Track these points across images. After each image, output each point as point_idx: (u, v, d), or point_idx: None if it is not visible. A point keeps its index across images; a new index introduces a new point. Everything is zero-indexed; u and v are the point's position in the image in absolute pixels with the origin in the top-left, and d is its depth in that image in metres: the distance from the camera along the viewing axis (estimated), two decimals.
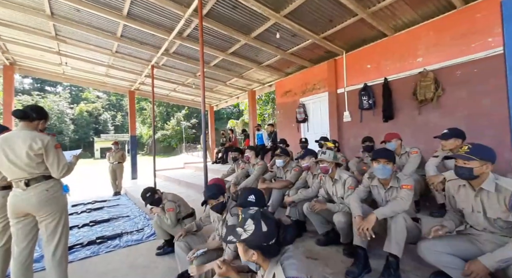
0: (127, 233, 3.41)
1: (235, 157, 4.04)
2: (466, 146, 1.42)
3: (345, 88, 5.30)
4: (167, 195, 2.79)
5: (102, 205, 5.24)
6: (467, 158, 1.37)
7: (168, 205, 2.64)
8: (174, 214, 2.61)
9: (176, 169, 9.92)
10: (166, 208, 2.62)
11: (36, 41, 5.48)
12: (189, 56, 6.05)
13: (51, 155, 1.82)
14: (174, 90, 8.96)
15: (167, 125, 35.95)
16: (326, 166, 2.31)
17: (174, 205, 2.65)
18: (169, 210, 2.61)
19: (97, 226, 3.82)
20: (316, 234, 2.61)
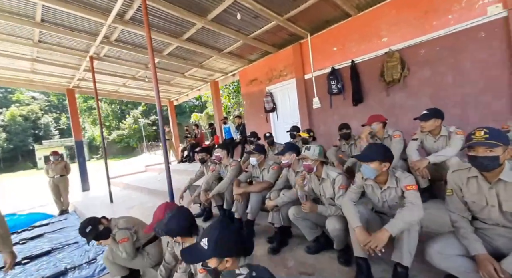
0: (74, 269, 2.74)
1: (203, 158, 3.55)
2: (482, 130, 1.21)
3: (313, 73, 5.08)
4: (117, 221, 2.21)
5: (43, 230, 4.29)
6: (492, 144, 1.16)
7: (120, 235, 2.08)
8: (129, 244, 2.08)
9: (136, 174, 8.95)
10: (118, 239, 2.07)
11: None
12: (136, 44, 5.19)
13: None
14: (124, 85, 7.86)
15: (122, 124, 32.86)
16: (310, 164, 2.01)
17: (128, 233, 2.10)
18: (122, 240, 2.06)
19: (33, 263, 3.01)
20: (303, 239, 2.35)
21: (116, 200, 5.50)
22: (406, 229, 1.41)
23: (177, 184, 5.71)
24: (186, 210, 1.46)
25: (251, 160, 2.84)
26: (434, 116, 2.35)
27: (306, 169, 2.05)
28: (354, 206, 1.66)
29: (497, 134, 1.18)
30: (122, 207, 4.93)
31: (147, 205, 4.82)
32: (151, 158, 21.07)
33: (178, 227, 1.37)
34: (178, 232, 1.37)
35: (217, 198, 3.11)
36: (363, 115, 4.30)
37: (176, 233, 1.36)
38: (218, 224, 1.07)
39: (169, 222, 1.34)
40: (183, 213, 1.42)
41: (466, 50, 3.29)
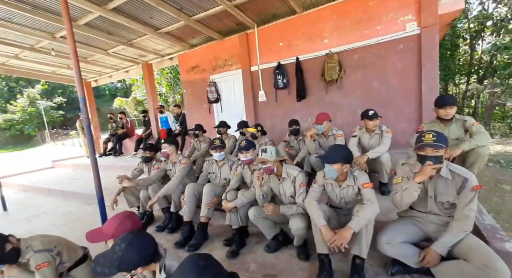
0: None
1: (149, 157, 3.04)
2: (430, 133, 1.41)
3: (259, 65, 5.05)
4: (30, 242, 1.65)
5: None
6: (439, 146, 1.36)
7: (38, 259, 1.57)
8: (51, 270, 1.59)
9: (40, 171, 7.13)
10: (35, 265, 1.55)
11: None
12: (39, 5, 3.92)
13: None
14: (17, 57, 5.95)
15: (12, 106, 25.38)
16: (270, 166, 1.97)
17: (48, 256, 1.60)
18: (41, 266, 1.56)
19: None
20: (261, 238, 2.34)
21: (11, 206, 4.23)
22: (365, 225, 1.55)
23: (103, 183, 4.83)
24: (141, 233, 1.16)
25: (215, 155, 2.62)
26: (377, 116, 2.68)
27: (268, 172, 2.00)
28: (318, 205, 1.72)
29: (442, 138, 1.39)
30: (22, 215, 3.83)
31: (60, 211, 3.89)
32: (58, 150, 17.27)
33: (140, 257, 1.07)
34: (139, 264, 1.07)
35: (162, 200, 2.75)
36: (306, 111, 4.63)
37: (136, 265, 1.07)
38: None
39: (125, 254, 1.03)
40: (141, 237, 1.12)
41: (389, 59, 3.87)
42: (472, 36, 9.88)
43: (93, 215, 3.60)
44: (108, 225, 1.42)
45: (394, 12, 3.77)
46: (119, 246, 1.05)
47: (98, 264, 1.06)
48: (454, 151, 2.00)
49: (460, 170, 1.46)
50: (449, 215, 1.53)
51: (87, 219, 3.45)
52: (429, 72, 3.61)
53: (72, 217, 3.54)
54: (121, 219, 1.43)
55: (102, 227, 1.47)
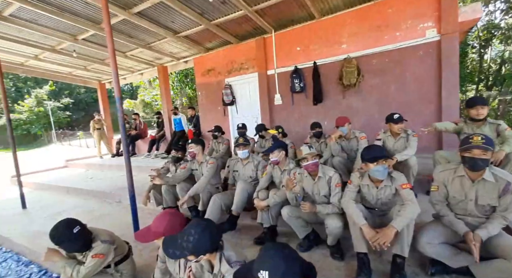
0: None
1: (179, 157, 3.09)
2: (479, 136, 1.45)
3: (275, 69, 5.13)
4: (97, 233, 1.72)
5: None
6: (487, 148, 1.40)
7: (101, 249, 1.62)
8: (100, 263, 1.63)
9: (54, 170, 7.21)
10: (93, 254, 1.60)
11: None
12: (65, 7, 4.05)
13: None
14: (37, 58, 6.10)
15: (19, 106, 25.74)
16: (317, 162, 2.05)
17: (108, 248, 1.66)
18: (98, 256, 1.61)
19: None
20: (290, 237, 2.37)
21: (29, 204, 4.28)
22: None
23: (117, 182, 4.89)
24: (212, 221, 1.22)
25: (240, 153, 2.68)
26: (403, 120, 2.73)
27: (313, 167, 2.05)
28: (356, 205, 1.75)
29: (489, 141, 1.43)
30: (43, 213, 3.87)
31: (81, 209, 3.94)
32: (64, 150, 17.43)
33: (211, 243, 1.13)
34: (208, 250, 1.12)
35: (188, 199, 2.79)
36: (323, 115, 4.68)
37: (206, 251, 1.12)
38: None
39: (200, 239, 1.08)
40: (213, 225, 1.18)
41: (408, 64, 3.93)
42: (481, 45, 9.96)
43: (116, 213, 3.66)
44: (156, 224, 1.45)
45: (413, 19, 3.84)
46: (194, 230, 1.10)
47: (169, 246, 1.12)
48: (498, 154, 2.00)
49: (503, 173, 1.49)
50: (487, 217, 1.56)
51: (111, 216, 3.49)
52: (449, 78, 3.66)
53: (95, 215, 3.59)
54: (169, 216, 1.47)
55: (150, 226, 1.50)
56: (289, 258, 0.86)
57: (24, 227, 3.35)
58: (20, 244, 2.85)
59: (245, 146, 2.78)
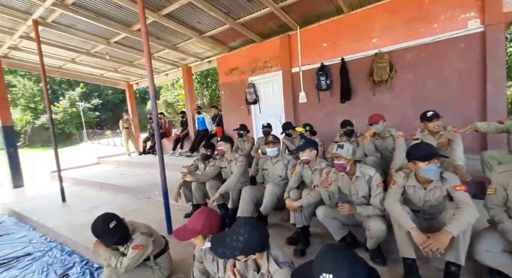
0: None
1: (209, 155, 3.14)
2: None
3: (300, 67, 5.04)
4: (135, 225, 1.78)
5: None
6: None
7: (140, 241, 1.68)
8: (140, 255, 1.68)
9: (87, 166, 7.67)
10: (134, 245, 1.66)
11: None
12: (101, 12, 4.26)
13: None
14: (73, 61, 6.51)
15: (55, 107, 27.77)
16: (344, 163, 1.94)
17: (147, 240, 1.71)
18: (138, 247, 1.66)
19: None
20: (322, 238, 2.30)
21: (68, 198, 4.57)
22: None
23: (145, 179, 5.08)
24: (259, 221, 1.20)
25: (269, 151, 2.66)
26: (437, 117, 2.54)
27: (339, 169, 1.98)
28: (402, 207, 1.65)
29: None
30: (81, 207, 4.11)
31: (115, 204, 4.13)
32: (94, 148, 18.49)
33: (261, 243, 1.11)
34: (257, 249, 1.11)
35: (219, 197, 2.81)
36: (350, 113, 4.51)
37: (255, 250, 1.10)
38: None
39: (250, 238, 1.06)
40: (260, 224, 1.16)
41: (447, 58, 3.66)
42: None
43: (147, 208, 3.79)
44: (194, 222, 1.44)
45: (453, 10, 3.57)
46: (243, 229, 1.08)
47: (218, 245, 1.10)
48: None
49: None
50: None
51: (142, 211, 3.62)
52: (495, 71, 3.36)
53: (128, 209, 3.74)
54: (206, 214, 1.45)
55: (186, 224, 1.48)
56: (352, 260, 0.81)
57: (65, 219, 3.58)
58: (63, 235, 3.04)
59: (275, 144, 2.75)
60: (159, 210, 3.64)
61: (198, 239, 1.37)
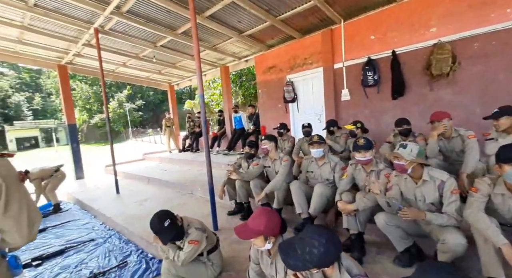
0: (103, 274, 2.32)
1: (253, 154, 3.14)
2: None
3: (344, 62, 4.76)
4: (190, 220, 1.85)
5: (44, 224, 3.73)
6: None
7: (196, 236, 1.72)
8: (196, 250, 1.72)
9: (134, 162, 8.33)
10: (189, 239, 1.70)
11: None
12: (151, 17, 4.54)
13: (14, 198, 0.85)
14: (124, 65, 7.10)
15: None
16: (403, 165, 1.74)
17: (201, 236, 1.75)
18: (194, 242, 1.70)
19: (47, 265, 2.53)
20: (379, 247, 2.12)
21: (121, 190, 4.98)
22: None
23: (187, 175, 5.31)
24: (331, 231, 1.12)
25: (313, 152, 2.54)
26: (506, 114, 2.18)
27: (399, 169, 1.79)
28: (490, 219, 1.41)
29: None
30: (132, 199, 4.45)
31: (161, 198, 4.38)
32: (138, 145, 20.08)
33: (336, 257, 1.03)
34: (334, 261, 1.03)
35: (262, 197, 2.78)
36: (402, 110, 4.13)
37: (331, 263, 1.02)
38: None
39: (326, 251, 0.98)
40: (334, 234, 1.08)
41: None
42: None
43: (191, 203, 3.93)
44: (255, 222, 1.39)
45: None
46: (318, 241, 1.01)
47: (289, 257, 1.04)
48: None
49: None
50: None
51: (187, 207, 3.77)
52: None
53: (173, 204, 3.93)
54: (268, 215, 1.39)
55: (247, 223, 1.44)
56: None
57: (120, 209, 3.90)
58: (119, 224, 3.31)
59: (320, 144, 2.61)
60: (202, 206, 3.77)
61: (259, 239, 1.33)
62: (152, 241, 1.84)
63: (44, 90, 36.71)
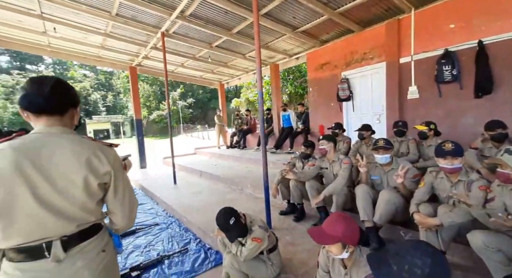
0: (168, 257, 2.53)
1: (308, 154, 3.05)
2: None
3: (412, 56, 4.24)
4: (253, 218, 1.87)
5: None
6: None
7: (259, 234, 1.73)
8: (258, 248, 1.72)
9: (187, 156, 8.97)
10: (253, 237, 1.72)
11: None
12: (210, 19, 4.77)
13: (120, 184, 0.94)
14: (182, 66, 7.67)
15: (162, 105, 34.24)
16: (510, 174, 1.45)
17: (264, 234, 1.75)
18: (257, 240, 1.71)
19: (124, 242, 2.87)
20: (468, 272, 1.80)
21: (178, 181, 5.39)
22: None
23: (236, 171, 5.47)
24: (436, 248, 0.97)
25: (378, 158, 2.32)
26: None
27: (502, 179, 1.49)
28: None
29: None
30: (187, 190, 4.77)
31: (214, 191, 4.58)
32: (188, 140, 21.64)
33: None
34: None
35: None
36: (487, 111, 3.49)
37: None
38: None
39: (431, 274, 0.85)
40: (443, 257, 0.93)
41: None
42: None
43: (241, 199, 4.00)
44: (333, 227, 1.27)
45: None
46: (422, 261, 0.87)
47: (382, 273, 0.93)
48: None
49: None
50: None
51: (239, 202, 3.81)
52: None
53: (225, 198, 4.08)
54: (346, 221, 1.26)
55: (322, 227, 1.33)
56: None
57: (178, 199, 4.22)
58: (178, 212, 3.58)
59: (387, 150, 2.35)
60: (252, 202, 3.81)
61: (336, 246, 1.23)
62: (215, 233, 1.91)
63: (115, 89, 42.44)
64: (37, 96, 0.82)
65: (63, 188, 0.82)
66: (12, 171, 0.75)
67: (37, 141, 0.82)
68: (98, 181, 0.87)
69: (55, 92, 0.85)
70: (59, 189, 0.81)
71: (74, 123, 0.98)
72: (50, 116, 0.87)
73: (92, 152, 0.87)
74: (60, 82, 0.90)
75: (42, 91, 0.83)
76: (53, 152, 0.81)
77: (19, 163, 0.76)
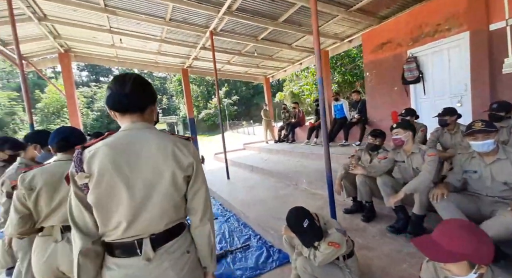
0: (231, 253, 2.53)
1: (377, 146, 2.70)
2: None
3: (507, 20, 3.35)
4: (327, 220, 1.70)
5: None
6: None
7: (336, 238, 1.55)
8: (336, 253, 1.53)
9: (236, 151, 9.18)
10: (330, 241, 1.54)
11: (85, 18, 4.72)
12: (257, 11, 4.64)
13: (200, 175, 0.93)
14: (228, 63, 7.79)
15: (209, 104, 36.18)
16: None
17: (342, 238, 1.56)
18: (334, 244, 1.52)
19: None
20: None
21: (231, 176, 5.50)
22: None
23: (288, 166, 5.30)
24: None
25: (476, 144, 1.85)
26: None
27: None
28: None
29: None
30: (240, 185, 4.81)
31: (266, 185, 4.51)
32: (235, 136, 22.31)
33: None
34: None
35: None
36: None
37: None
38: None
39: None
40: None
41: None
42: None
43: (296, 195, 3.82)
44: (456, 241, 0.95)
45: None
46: None
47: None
48: None
49: None
50: None
51: (293, 198, 3.66)
52: None
53: (279, 193, 3.96)
54: (478, 233, 0.97)
55: (436, 239, 1.00)
56: None
57: (233, 193, 4.28)
58: (236, 207, 3.60)
59: (488, 134, 1.83)
60: (309, 199, 3.60)
61: (460, 266, 0.93)
62: (282, 232, 1.79)
63: (168, 92, 46.61)
64: (120, 95, 0.85)
65: (154, 183, 0.83)
66: (112, 169, 0.79)
67: (127, 137, 0.85)
68: (184, 174, 0.87)
69: (135, 90, 0.86)
70: (150, 184, 0.82)
71: (153, 119, 0.99)
72: (133, 114, 0.88)
73: (175, 144, 0.88)
74: (139, 78, 0.91)
75: (124, 90, 0.85)
76: (142, 147, 0.84)
77: (117, 162, 0.80)
